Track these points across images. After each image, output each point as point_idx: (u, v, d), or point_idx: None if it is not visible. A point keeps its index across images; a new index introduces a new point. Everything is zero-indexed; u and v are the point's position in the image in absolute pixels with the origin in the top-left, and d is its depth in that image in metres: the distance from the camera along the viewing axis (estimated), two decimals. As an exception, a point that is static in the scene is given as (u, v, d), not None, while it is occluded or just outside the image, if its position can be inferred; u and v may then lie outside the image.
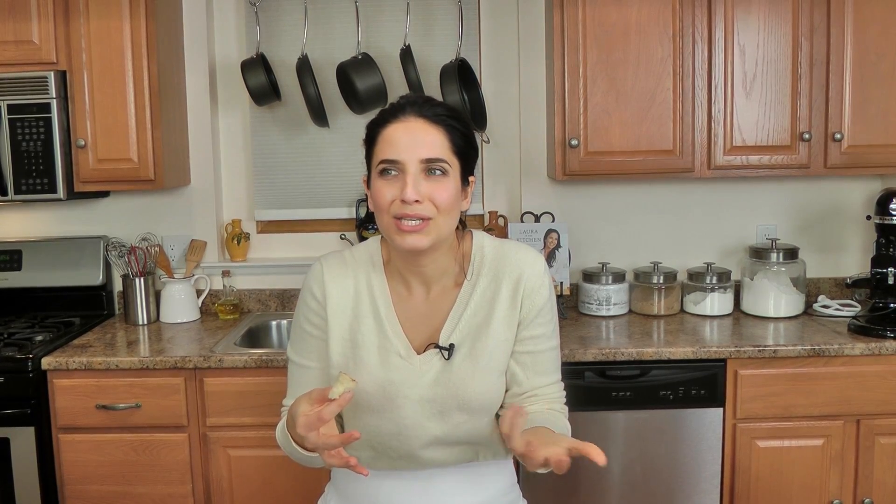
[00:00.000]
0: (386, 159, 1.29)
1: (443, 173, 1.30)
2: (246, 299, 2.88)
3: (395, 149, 1.28)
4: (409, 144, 1.28)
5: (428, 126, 1.30)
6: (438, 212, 1.29)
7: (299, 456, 1.30)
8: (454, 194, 1.31)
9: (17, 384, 2.25)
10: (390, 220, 1.29)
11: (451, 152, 1.31)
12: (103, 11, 2.46)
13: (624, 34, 2.45)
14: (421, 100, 1.34)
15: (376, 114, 1.37)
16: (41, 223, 2.88)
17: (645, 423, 2.28)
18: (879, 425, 2.27)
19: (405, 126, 1.30)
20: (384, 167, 1.29)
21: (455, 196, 1.32)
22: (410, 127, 1.29)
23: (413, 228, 1.28)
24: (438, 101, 1.35)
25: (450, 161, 1.30)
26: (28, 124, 2.46)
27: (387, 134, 1.30)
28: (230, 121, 2.90)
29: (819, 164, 2.50)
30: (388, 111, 1.34)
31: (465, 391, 1.34)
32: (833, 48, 2.44)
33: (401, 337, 1.37)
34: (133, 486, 2.30)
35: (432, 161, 1.28)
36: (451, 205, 1.31)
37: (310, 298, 1.42)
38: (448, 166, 1.30)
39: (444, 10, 2.80)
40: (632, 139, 2.48)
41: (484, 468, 1.44)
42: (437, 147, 1.29)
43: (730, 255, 2.86)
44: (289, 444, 1.29)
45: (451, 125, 1.31)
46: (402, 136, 1.29)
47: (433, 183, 1.29)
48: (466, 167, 1.35)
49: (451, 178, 1.31)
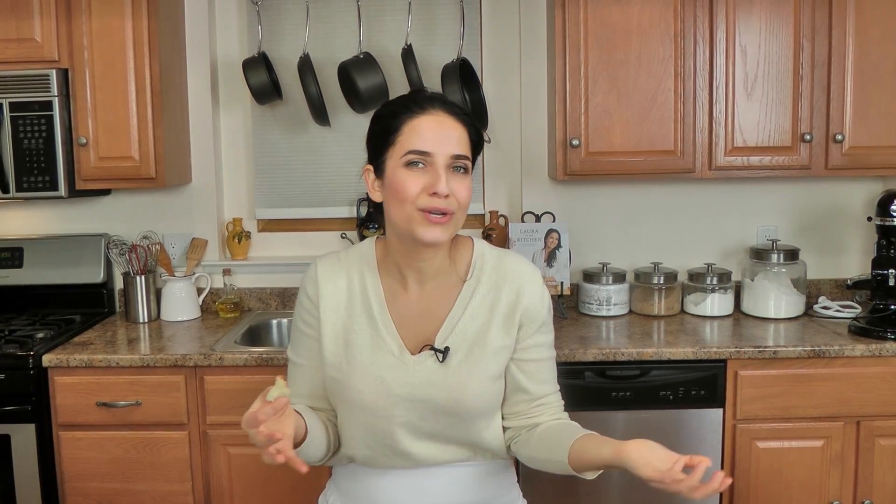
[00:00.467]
0: (417, 150, 1.29)
1: (465, 171, 1.33)
2: (246, 298, 2.88)
3: (427, 141, 1.29)
4: (440, 138, 1.30)
5: (455, 122, 1.33)
6: (460, 208, 1.32)
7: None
8: (471, 191, 1.35)
9: (17, 381, 2.26)
10: (414, 210, 1.29)
11: (470, 149, 1.35)
12: (105, 10, 2.46)
13: (625, 35, 2.45)
14: (441, 95, 1.37)
15: (391, 103, 1.37)
16: (42, 221, 2.88)
17: (645, 424, 2.28)
18: (879, 427, 2.27)
19: (436, 119, 1.31)
20: (413, 158, 1.29)
21: (471, 193, 1.36)
22: (441, 121, 1.31)
23: (440, 221, 1.29)
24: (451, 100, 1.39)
25: (471, 158, 1.35)
26: (30, 122, 2.46)
27: (416, 125, 1.31)
28: (231, 119, 2.90)
29: (820, 166, 2.50)
30: (413, 102, 1.33)
31: (460, 394, 1.35)
32: (835, 49, 2.44)
33: (394, 336, 1.38)
34: (133, 483, 2.30)
35: (459, 157, 1.31)
36: (470, 201, 1.35)
37: (304, 298, 1.44)
38: (469, 163, 1.34)
39: (445, 9, 2.80)
40: (633, 139, 2.48)
41: (483, 467, 1.44)
42: (464, 144, 1.33)
43: (730, 256, 2.86)
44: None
45: (469, 122, 1.35)
46: (433, 128, 1.30)
47: (457, 180, 1.31)
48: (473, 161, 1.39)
49: (470, 176, 1.35)
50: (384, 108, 1.38)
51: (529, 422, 1.41)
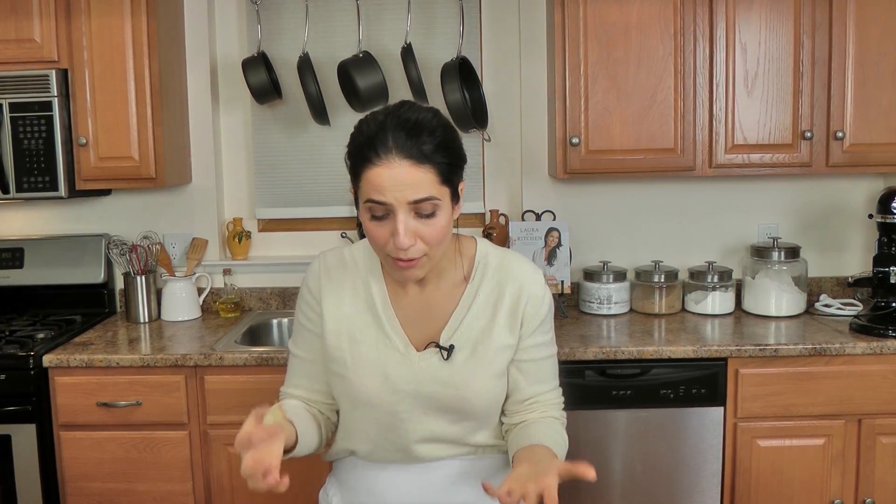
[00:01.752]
0: (374, 200, 1.24)
1: (432, 213, 1.25)
2: (247, 297, 2.88)
3: (383, 192, 1.23)
4: (397, 187, 1.22)
5: (413, 169, 1.23)
6: (432, 246, 1.28)
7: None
8: (445, 224, 1.28)
9: (18, 381, 2.26)
10: (385, 256, 1.30)
11: (439, 185, 1.25)
12: (105, 10, 2.46)
13: (625, 32, 2.44)
14: (405, 132, 1.23)
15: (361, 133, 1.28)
16: (43, 221, 2.88)
17: (645, 422, 2.28)
18: (881, 425, 2.26)
19: (390, 172, 1.22)
20: (373, 208, 1.26)
21: (447, 225, 1.29)
22: (395, 172, 1.22)
23: (409, 265, 1.29)
24: (425, 127, 1.25)
25: (439, 195, 1.25)
26: (30, 122, 2.46)
27: (371, 177, 1.24)
28: (231, 119, 2.90)
29: (821, 163, 2.49)
30: (372, 150, 1.24)
31: (465, 392, 1.37)
32: (835, 46, 2.44)
33: (399, 333, 1.39)
34: (134, 483, 2.30)
35: (420, 202, 1.24)
36: (444, 236, 1.29)
37: (306, 292, 1.46)
38: (438, 201, 1.25)
39: (445, 8, 2.80)
40: (633, 137, 2.48)
41: (482, 462, 1.45)
42: (425, 187, 1.23)
43: (731, 254, 2.86)
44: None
45: (438, 160, 1.25)
46: (389, 178, 1.22)
47: (424, 224, 1.25)
48: (455, 183, 1.30)
49: (441, 212, 1.27)
50: (355, 135, 1.30)
51: (521, 418, 1.43)
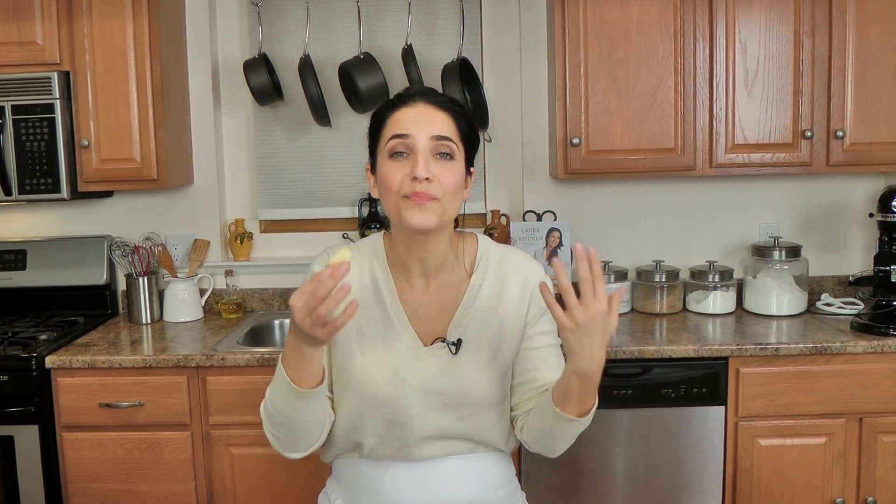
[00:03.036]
0: (397, 133, 1.33)
1: (451, 156, 1.34)
2: (249, 298, 2.89)
3: (406, 125, 1.33)
4: (420, 122, 1.33)
5: (436, 110, 1.36)
6: (445, 193, 1.32)
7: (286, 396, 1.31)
8: (460, 178, 1.36)
9: (21, 382, 2.26)
10: (399, 199, 1.32)
11: (457, 136, 1.36)
12: (106, 12, 2.47)
13: (625, 33, 2.45)
14: (427, 90, 1.40)
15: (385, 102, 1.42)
16: (45, 223, 2.89)
17: (647, 422, 2.28)
18: (882, 423, 2.26)
19: (415, 109, 1.35)
20: (394, 144, 1.32)
21: (461, 180, 1.36)
22: (422, 109, 1.35)
23: (422, 202, 1.30)
24: (451, 96, 1.42)
25: (457, 143, 1.36)
26: (32, 124, 2.47)
27: (396, 116, 1.36)
28: (233, 120, 2.91)
29: (821, 162, 2.49)
30: (399, 97, 1.39)
31: (471, 385, 1.38)
32: (835, 46, 2.44)
33: (408, 328, 1.40)
34: (136, 483, 2.31)
35: (442, 139, 1.33)
36: (458, 188, 1.35)
37: None
38: (455, 148, 1.35)
39: (445, 9, 2.81)
40: (633, 138, 2.48)
41: (483, 459, 1.46)
42: (447, 128, 1.35)
43: (732, 254, 2.86)
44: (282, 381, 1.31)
45: (458, 112, 1.38)
46: (413, 115, 1.34)
47: (442, 166, 1.33)
48: (469, 155, 1.40)
49: (457, 162, 1.35)
50: (377, 108, 1.42)
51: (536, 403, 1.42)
